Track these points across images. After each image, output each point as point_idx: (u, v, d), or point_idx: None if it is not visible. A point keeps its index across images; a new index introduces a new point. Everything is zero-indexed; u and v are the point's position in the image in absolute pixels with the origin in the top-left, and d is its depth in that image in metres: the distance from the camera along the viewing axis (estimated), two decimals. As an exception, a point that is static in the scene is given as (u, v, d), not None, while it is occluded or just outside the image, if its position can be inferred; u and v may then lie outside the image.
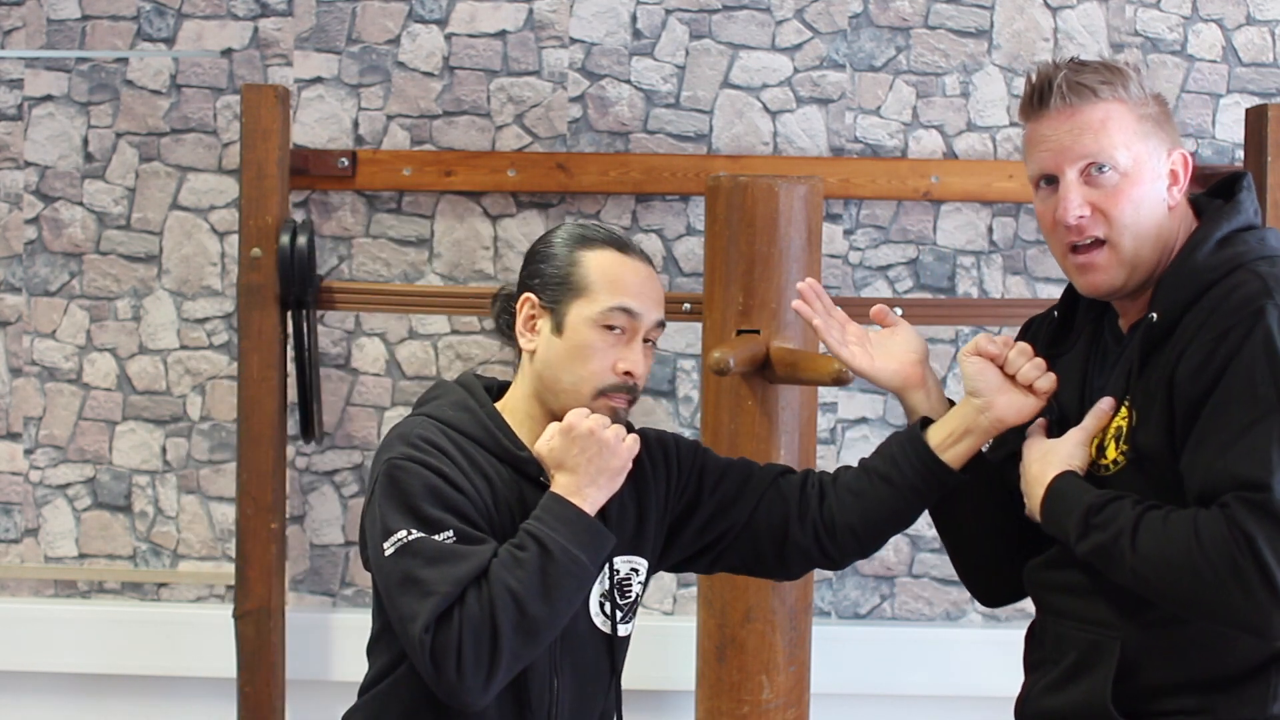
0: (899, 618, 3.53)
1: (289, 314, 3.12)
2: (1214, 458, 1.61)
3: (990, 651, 3.35)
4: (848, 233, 3.48)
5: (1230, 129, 3.42)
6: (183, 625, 3.47)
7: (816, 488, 1.96)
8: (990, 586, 2.00)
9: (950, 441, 1.87)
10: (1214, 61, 3.46)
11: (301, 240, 3.05)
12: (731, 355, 2.42)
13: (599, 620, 1.87)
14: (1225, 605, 1.59)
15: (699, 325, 2.89)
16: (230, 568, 3.31)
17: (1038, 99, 1.76)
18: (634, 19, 3.46)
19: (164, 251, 3.50)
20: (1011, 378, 1.83)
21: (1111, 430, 1.75)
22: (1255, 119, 3.06)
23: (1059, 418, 1.84)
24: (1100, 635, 1.75)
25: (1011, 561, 1.93)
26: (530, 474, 1.81)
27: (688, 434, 3.44)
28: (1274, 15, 3.46)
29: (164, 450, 3.52)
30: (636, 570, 1.90)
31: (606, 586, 1.87)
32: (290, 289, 3.06)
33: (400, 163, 3.41)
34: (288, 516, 3.29)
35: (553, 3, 3.46)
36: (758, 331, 2.65)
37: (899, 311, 3.01)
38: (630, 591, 1.89)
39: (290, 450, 3.36)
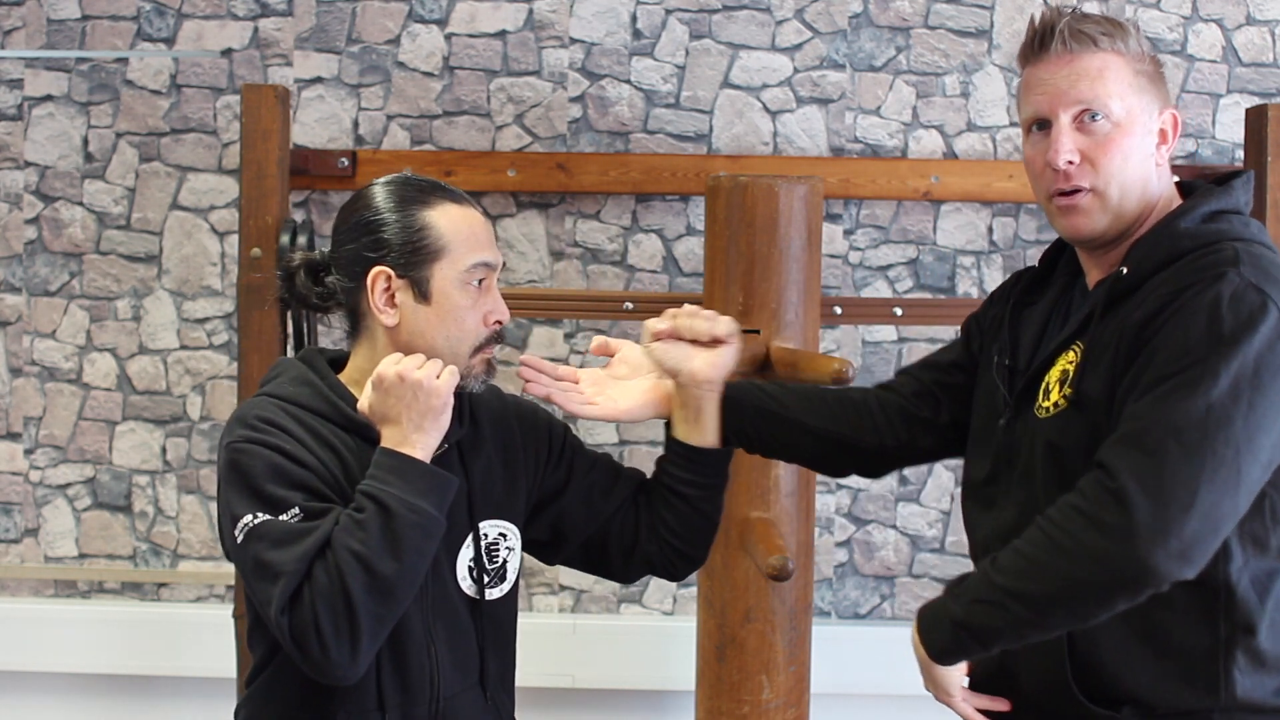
0: (899, 618, 3.53)
1: (289, 314, 3.12)
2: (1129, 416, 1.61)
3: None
4: (848, 233, 3.48)
5: (1230, 129, 3.42)
6: (183, 625, 3.47)
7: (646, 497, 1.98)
8: (865, 465, 2.05)
9: (692, 426, 1.91)
10: (1214, 61, 3.46)
11: (301, 240, 3.05)
12: (731, 355, 2.42)
13: (466, 585, 1.83)
14: (1091, 560, 1.56)
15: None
16: (230, 568, 3.31)
17: (1038, 43, 1.78)
18: (634, 19, 3.46)
19: (164, 251, 3.50)
20: (693, 341, 1.89)
21: (1057, 373, 1.75)
22: (1255, 119, 3.06)
23: (1015, 365, 1.84)
24: None
25: (854, 438, 1.99)
26: (373, 439, 1.76)
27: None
28: (1274, 15, 3.46)
29: (164, 450, 3.52)
30: (505, 535, 1.87)
31: (473, 552, 1.83)
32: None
33: (400, 163, 3.41)
34: (288, 516, 3.29)
35: (553, 3, 3.46)
36: (758, 331, 2.65)
37: (898, 311, 3.07)
38: (498, 556, 1.86)
39: (290, 450, 3.35)
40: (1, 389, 3.52)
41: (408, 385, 1.71)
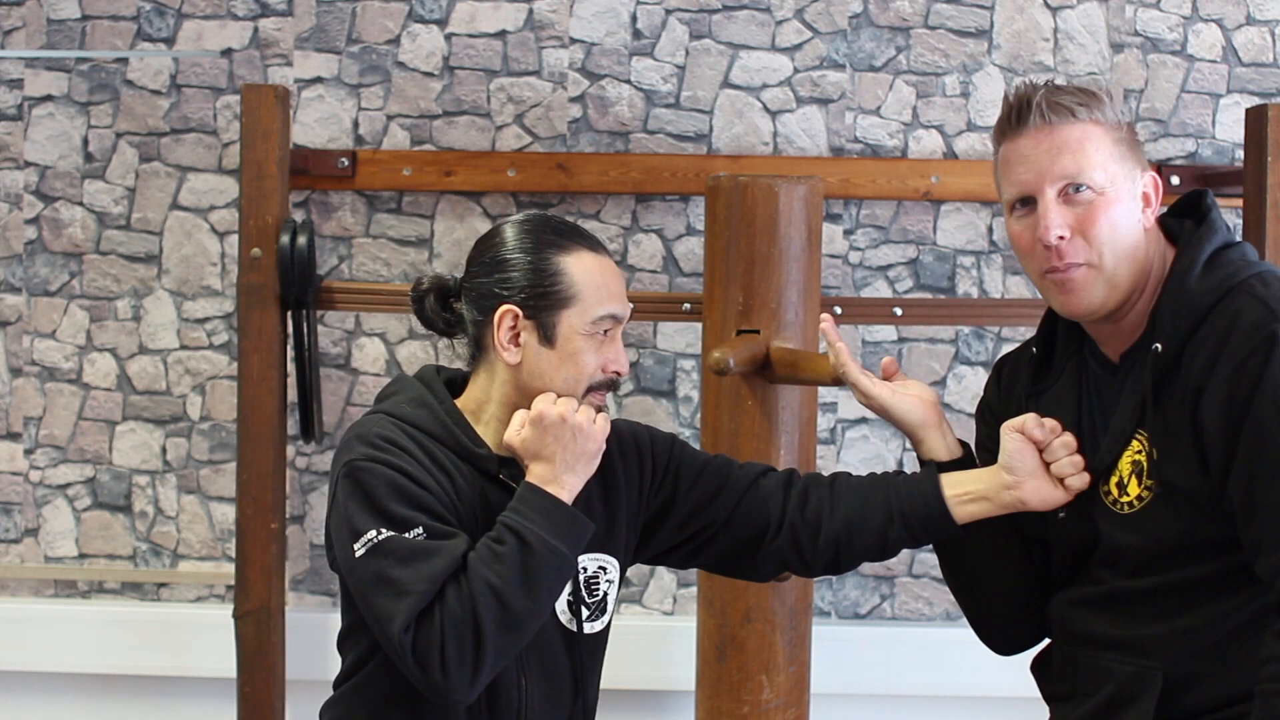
0: (899, 618, 3.53)
1: (289, 314, 3.12)
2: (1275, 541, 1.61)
3: (990, 652, 3.34)
4: (848, 233, 3.48)
5: (1230, 129, 3.42)
6: (183, 625, 3.47)
7: (800, 489, 1.95)
8: (1005, 635, 1.99)
9: (965, 500, 1.86)
10: (1214, 61, 3.46)
11: (301, 240, 3.05)
12: (731, 355, 2.42)
13: (564, 619, 1.86)
14: None
15: (699, 325, 2.89)
16: (230, 568, 3.31)
17: (1016, 117, 1.78)
18: (634, 19, 3.46)
19: (164, 251, 3.50)
20: (1047, 465, 1.82)
21: (1128, 465, 1.75)
22: (1255, 119, 3.06)
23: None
24: (1142, 667, 1.74)
25: (1025, 610, 1.93)
26: (489, 471, 1.80)
27: (687, 434, 3.44)
28: (1274, 15, 3.46)
29: (164, 450, 3.52)
30: (605, 569, 1.89)
31: (573, 586, 1.85)
32: (290, 289, 3.06)
33: (400, 163, 3.41)
34: (288, 516, 3.29)
35: (553, 3, 3.46)
36: (758, 331, 2.65)
37: (898, 311, 3.07)
38: (597, 590, 1.88)
39: (290, 450, 3.36)
40: (1, 389, 3.52)
41: (568, 428, 1.75)
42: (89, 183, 3.50)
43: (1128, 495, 1.75)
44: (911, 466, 3.52)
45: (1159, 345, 1.72)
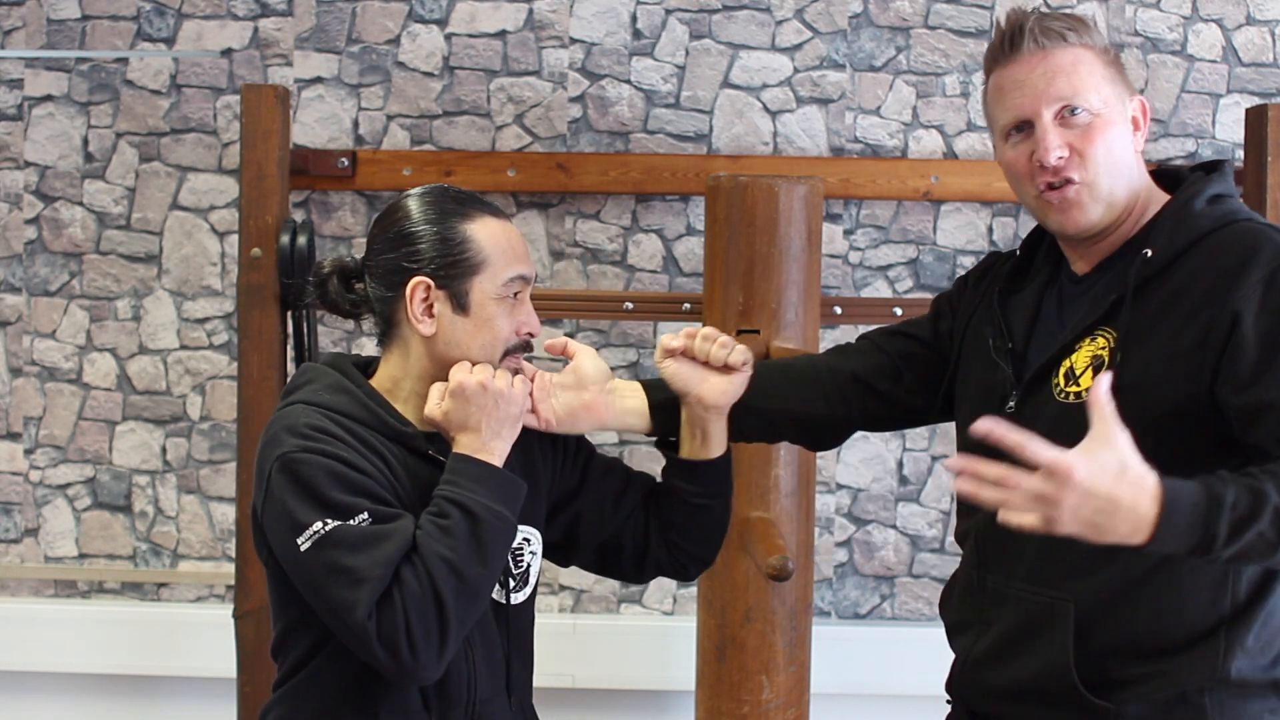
0: (899, 618, 3.53)
1: (289, 314, 3.12)
2: None
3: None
4: (848, 233, 3.48)
5: (1230, 129, 3.42)
6: (183, 625, 3.47)
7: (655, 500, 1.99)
8: (813, 437, 2.08)
9: (699, 444, 1.92)
10: (1214, 61, 3.46)
11: (301, 240, 3.05)
12: (731, 355, 2.42)
13: (495, 591, 1.84)
14: None
15: (699, 325, 2.89)
16: (230, 568, 3.31)
17: (1009, 44, 1.79)
18: (634, 19, 3.46)
19: (164, 251, 3.50)
20: (705, 364, 1.88)
21: (1085, 359, 1.75)
22: (1255, 119, 3.06)
23: (1009, 347, 1.84)
24: (1052, 598, 1.74)
25: (822, 416, 2.01)
26: (418, 448, 1.80)
27: (688, 434, 3.44)
28: (1274, 15, 3.46)
29: (164, 450, 3.52)
30: (528, 539, 1.88)
31: None
32: (290, 289, 3.06)
33: (400, 163, 3.41)
34: (288, 516, 3.29)
35: (553, 3, 3.46)
36: (758, 331, 2.65)
37: (898, 311, 3.07)
38: (522, 560, 1.87)
39: (290, 450, 3.35)
40: (1, 389, 3.52)
41: (489, 394, 1.75)
42: (89, 183, 3.50)
43: (1077, 386, 1.75)
44: (912, 467, 3.53)
45: (1149, 251, 1.74)
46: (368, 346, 3.49)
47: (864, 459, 3.48)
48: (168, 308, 3.50)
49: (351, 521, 1.68)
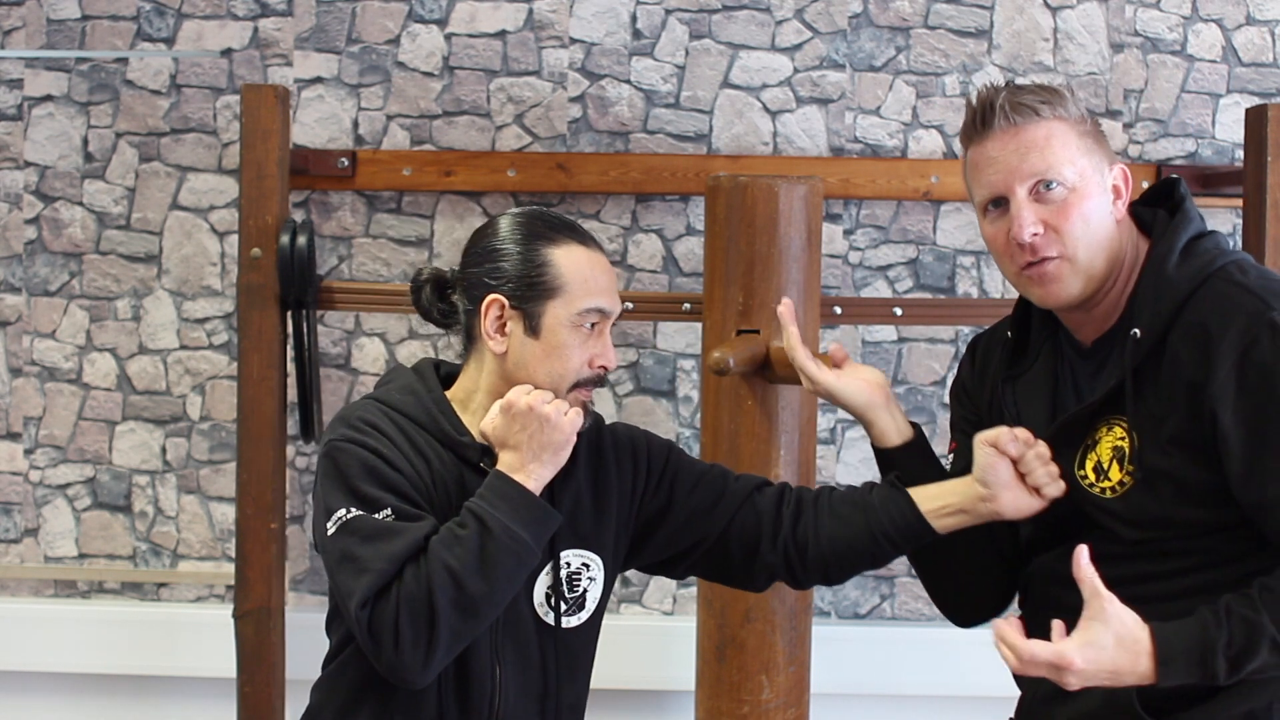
0: (899, 618, 3.53)
1: (289, 314, 3.12)
2: None
3: (990, 651, 3.30)
4: (848, 233, 3.48)
5: (1230, 129, 3.42)
6: (183, 625, 3.47)
7: (793, 506, 1.96)
8: (964, 606, 2.02)
9: (943, 514, 1.88)
10: (1214, 61, 3.46)
11: (301, 240, 3.05)
12: (731, 355, 2.42)
13: (541, 610, 1.86)
14: None
15: (699, 325, 2.89)
16: (230, 568, 3.31)
17: (980, 121, 1.79)
18: (634, 19, 3.46)
19: (164, 251, 3.50)
20: (1022, 475, 1.82)
21: (1109, 451, 1.76)
22: (1255, 119, 3.05)
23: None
24: None
25: (986, 581, 1.96)
26: (470, 459, 1.82)
27: (687, 434, 3.44)
28: (1274, 15, 3.46)
29: (164, 450, 3.52)
30: (588, 565, 1.89)
31: (552, 579, 1.86)
32: (290, 289, 3.06)
33: (400, 163, 3.41)
34: (288, 516, 3.29)
35: (553, 3, 3.46)
36: (758, 331, 2.65)
37: (898, 311, 3.07)
38: (578, 585, 1.89)
39: (290, 450, 3.36)
40: (1, 389, 3.52)
41: (535, 417, 1.76)
42: (89, 183, 3.50)
43: (1108, 480, 1.76)
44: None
45: (1138, 331, 1.73)
46: (368, 348, 3.49)
47: (864, 458, 3.48)
48: (168, 308, 3.50)
49: (375, 515, 1.72)
